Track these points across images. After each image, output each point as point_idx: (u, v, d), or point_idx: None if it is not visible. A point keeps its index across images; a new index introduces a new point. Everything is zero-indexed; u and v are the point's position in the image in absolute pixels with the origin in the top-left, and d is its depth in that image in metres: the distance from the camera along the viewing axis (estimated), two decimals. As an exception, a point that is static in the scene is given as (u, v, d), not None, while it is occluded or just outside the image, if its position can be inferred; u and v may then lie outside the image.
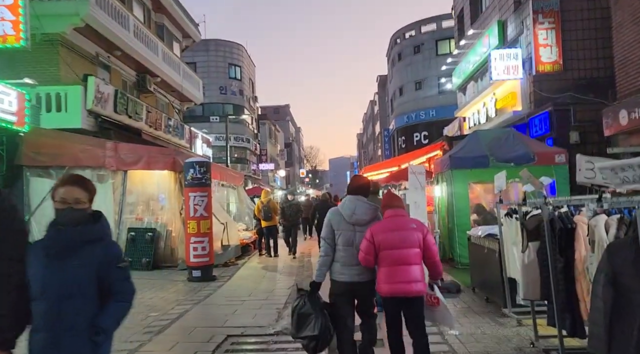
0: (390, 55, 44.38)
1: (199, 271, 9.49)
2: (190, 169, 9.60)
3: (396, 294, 3.82)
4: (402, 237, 3.85)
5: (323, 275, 4.10)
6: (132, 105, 14.47)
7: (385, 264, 3.85)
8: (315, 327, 3.90)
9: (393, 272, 3.82)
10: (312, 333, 3.89)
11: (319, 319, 3.91)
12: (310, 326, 3.91)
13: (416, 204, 7.90)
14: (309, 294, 4.06)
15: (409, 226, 3.95)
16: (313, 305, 3.97)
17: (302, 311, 3.99)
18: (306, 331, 3.93)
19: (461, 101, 22.16)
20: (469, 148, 10.26)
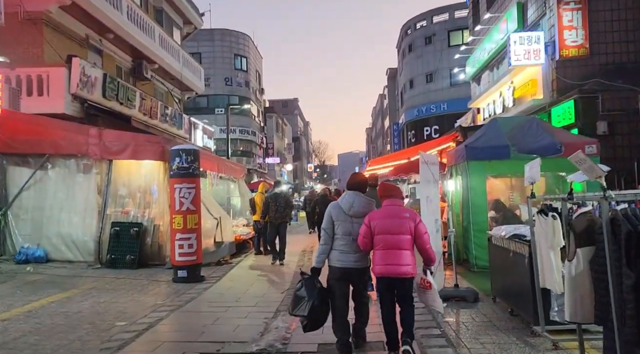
0: (401, 47, 43.15)
1: (184, 271, 8.55)
2: (176, 157, 8.64)
3: (388, 274, 4.30)
4: (396, 224, 4.33)
5: (322, 262, 4.59)
6: (123, 91, 13.54)
7: (379, 248, 4.32)
8: (305, 309, 4.37)
9: (386, 255, 4.29)
10: (303, 313, 4.39)
11: (309, 303, 4.36)
12: (302, 308, 4.39)
13: (428, 199, 6.88)
14: (308, 279, 4.52)
15: (402, 215, 4.42)
16: (308, 289, 4.43)
17: (298, 293, 4.50)
18: (299, 311, 4.42)
19: (475, 92, 21.02)
20: (487, 137, 9.19)
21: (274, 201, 10.74)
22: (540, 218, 4.69)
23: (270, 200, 10.79)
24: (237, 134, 39.00)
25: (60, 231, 10.23)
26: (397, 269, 4.27)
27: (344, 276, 4.49)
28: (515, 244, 5.39)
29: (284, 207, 10.84)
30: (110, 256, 9.91)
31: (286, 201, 11.05)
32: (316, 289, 4.45)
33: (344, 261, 4.45)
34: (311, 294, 4.41)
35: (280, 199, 10.83)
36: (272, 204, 10.72)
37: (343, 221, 4.51)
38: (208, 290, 7.88)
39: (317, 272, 4.56)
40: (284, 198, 11.01)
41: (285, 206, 10.91)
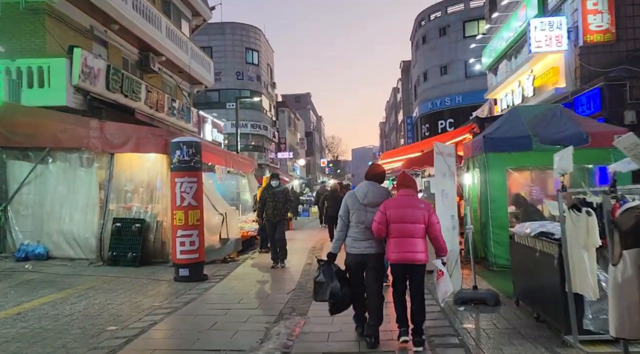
0: (415, 39, 42.30)
1: (186, 269, 8.14)
2: (177, 150, 8.21)
3: (402, 261, 4.50)
4: (411, 214, 4.50)
5: (338, 248, 4.85)
6: (128, 83, 13.18)
7: (394, 236, 4.51)
8: (326, 292, 4.64)
9: (401, 243, 4.48)
10: (325, 297, 4.66)
11: (329, 287, 4.62)
12: (323, 292, 4.66)
13: (444, 193, 6.35)
14: (324, 264, 4.77)
15: (417, 205, 4.60)
16: (326, 274, 4.69)
17: (317, 280, 4.75)
18: (321, 296, 4.69)
19: (491, 83, 20.29)
20: (507, 127, 8.60)
21: (272, 197, 9.53)
22: (572, 214, 4.15)
23: (267, 195, 9.59)
24: (249, 129, 38.65)
25: (61, 228, 9.91)
26: (411, 256, 4.49)
27: (359, 263, 4.72)
28: (542, 243, 4.85)
29: (282, 203, 9.58)
30: (111, 254, 9.56)
31: (285, 197, 9.75)
32: (333, 272, 4.72)
33: (357, 247, 4.70)
34: (330, 277, 4.69)
35: (278, 194, 9.60)
36: (269, 201, 9.54)
37: (357, 209, 4.72)
38: (210, 290, 7.46)
39: (333, 257, 4.82)
40: (283, 193, 9.75)
41: (284, 201, 9.64)
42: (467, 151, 9.64)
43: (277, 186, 9.77)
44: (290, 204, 10.00)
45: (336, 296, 4.64)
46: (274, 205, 9.51)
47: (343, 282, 4.69)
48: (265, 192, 9.72)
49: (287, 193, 10.08)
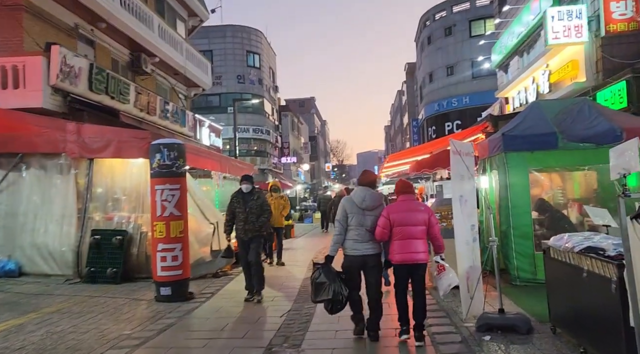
0: (420, 39, 41.39)
1: (168, 288, 7.20)
2: (157, 153, 7.29)
3: (406, 262, 4.87)
4: (412, 217, 4.88)
5: (336, 250, 5.04)
6: (114, 83, 12.29)
7: (397, 238, 4.86)
8: (329, 292, 4.84)
9: (404, 244, 4.84)
10: (327, 297, 4.86)
11: (331, 286, 4.84)
12: (325, 292, 4.85)
13: (462, 198, 5.38)
14: (324, 266, 4.97)
15: (418, 208, 4.99)
16: (327, 275, 4.91)
17: (318, 281, 4.92)
18: (322, 296, 4.90)
19: (502, 81, 19.32)
20: (528, 124, 7.62)
21: (242, 207, 7.20)
22: (636, 227, 3.18)
23: (237, 204, 7.27)
24: (251, 133, 37.84)
25: (35, 241, 9.02)
26: (414, 257, 4.83)
27: (359, 263, 4.96)
28: (591, 262, 3.87)
29: (257, 215, 7.19)
30: (89, 269, 8.64)
31: (261, 207, 7.28)
32: (334, 273, 4.93)
33: (358, 249, 4.93)
34: (332, 278, 4.89)
35: (250, 203, 7.19)
36: (239, 211, 7.20)
37: (356, 213, 4.97)
38: (192, 313, 6.51)
39: (331, 260, 5.01)
40: (257, 202, 7.27)
41: (258, 213, 7.21)
42: (483, 151, 8.66)
43: (248, 191, 7.32)
44: (268, 216, 7.40)
45: (337, 296, 4.86)
46: (245, 218, 7.14)
47: (342, 283, 4.94)
48: (233, 201, 7.35)
49: (263, 202, 7.41)
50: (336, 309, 4.97)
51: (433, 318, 5.64)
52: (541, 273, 7.17)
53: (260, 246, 7.52)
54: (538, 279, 7.13)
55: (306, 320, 5.92)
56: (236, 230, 7.30)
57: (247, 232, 7.18)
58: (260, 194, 7.61)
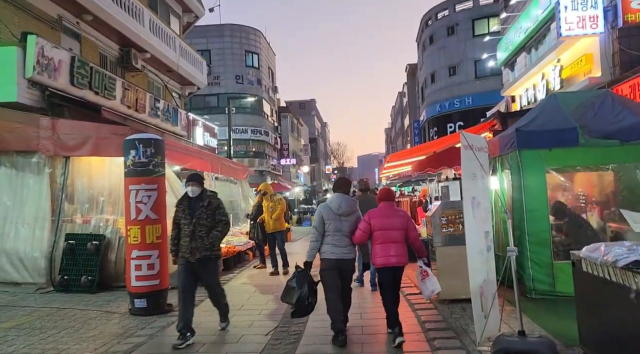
0: (421, 39, 40.66)
1: (143, 300, 6.45)
2: (131, 150, 6.57)
3: (387, 265, 5.06)
4: (392, 222, 5.12)
5: (313, 256, 5.22)
6: (98, 78, 11.58)
7: (378, 242, 5.09)
8: (293, 297, 4.95)
9: (385, 248, 5.06)
10: (291, 301, 4.99)
11: (297, 292, 4.95)
12: (290, 296, 4.99)
13: (474, 201, 4.63)
14: (301, 271, 5.11)
15: (397, 214, 5.24)
16: (299, 280, 5.01)
17: (289, 283, 5.09)
18: (286, 298, 5.07)
19: (508, 79, 18.59)
20: (545, 118, 6.87)
21: (188, 216, 5.35)
22: None
23: (182, 214, 5.42)
24: (249, 134, 37.10)
25: (4, 246, 8.30)
26: (394, 260, 5.02)
27: (336, 266, 5.11)
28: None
29: (208, 227, 5.34)
30: (62, 277, 7.91)
31: (213, 215, 5.41)
32: (306, 281, 5.00)
33: (337, 253, 5.10)
34: (301, 284, 4.96)
35: (199, 211, 5.34)
36: (184, 223, 5.35)
37: (333, 219, 5.15)
38: (167, 330, 5.77)
39: (309, 265, 5.14)
40: (209, 209, 5.40)
41: (210, 225, 5.37)
42: (493, 148, 7.87)
43: (196, 195, 5.42)
44: (223, 229, 5.47)
45: (301, 302, 4.93)
46: (192, 232, 5.25)
47: (312, 292, 4.99)
48: (177, 209, 5.50)
49: (217, 210, 5.45)
50: (297, 315, 5.09)
51: (441, 339, 4.90)
52: (561, 284, 6.45)
53: (216, 272, 5.71)
54: (557, 292, 6.40)
55: (294, 340, 5.18)
56: (180, 248, 5.37)
57: (193, 251, 5.24)
58: (213, 199, 5.47)
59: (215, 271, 5.77)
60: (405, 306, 6.51)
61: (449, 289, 6.48)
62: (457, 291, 6.43)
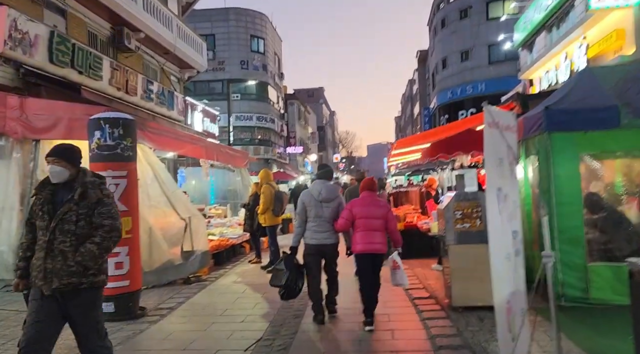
0: (432, 23, 39.30)
1: (110, 304, 5.60)
2: (96, 131, 5.68)
3: (366, 251, 5.24)
4: (372, 211, 5.26)
5: (298, 242, 5.46)
6: (82, 56, 10.72)
7: (359, 230, 5.24)
8: (282, 279, 5.18)
9: (364, 235, 5.22)
10: (280, 283, 5.21)
11: (286, 274, 5.19)
12: (279, 278, 5.22)
13: (500, 193, 3.68)
14: (288, 256, 5.36)
15: (378, 204, 5.39)
16: (287, 264, 5.27)
17: (277, 267, 5.38)
18: (276, 282, 5.29)
19: (525, 61, 17.45)
20: (579, 95, 5.87)
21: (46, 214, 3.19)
22: None
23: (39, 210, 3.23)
24: (254, 121, 36.20)
25: (-33, 239, 7.48)
26: (373, 247, 5.22)
27: (318, 251, 5.38)
28: None
29: (78, 235, 3.19)
30: (30, 274, 7.07)
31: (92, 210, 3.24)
32: (293, 263, 5.31)
33: (317, 238, 5.35)
34: (289, 266, 5.24)
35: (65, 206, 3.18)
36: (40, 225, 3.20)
37: (314, 206, 5.38)
38: (131, 342, 4.92)
39: (295, 250, 5.42)
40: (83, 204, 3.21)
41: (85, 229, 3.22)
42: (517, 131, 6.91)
43: (62, 179, 3.26)
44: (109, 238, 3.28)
45: (290, 284, 5.14)
46: (49, 241, 3.14)
47: (299, 275, 5.23)
48: (35, 201, 3.28)
49: (100, 203, 3.27)
50: (287, 297, 5.27)
51: (455, 361, 3.99)
52: (596, 290, 5.49)
53: (95, 318, 3.37)
54: (592, 299, 5.45)
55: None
56: (31, 268, 3.24)
57: (48, 276, 3.13)
58: (93, 187, 3.28)
59: (95, 316, 3.36)
60: (413, 314, 5.61)
61: (463, 294, 5.57)
62: (473, 297, 5.52)
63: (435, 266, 8.21)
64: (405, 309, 5.85)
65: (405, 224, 9.82)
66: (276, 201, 9.16)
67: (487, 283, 5.34)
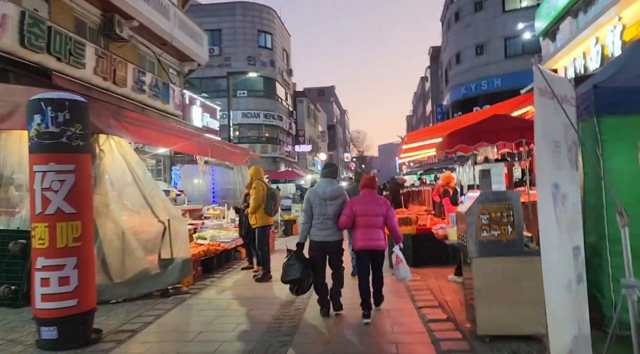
0: (446, 17, 37.94)
1: (53, 328, 4.55)
2: (35, 115, 4.63)
3: (366, 247, 5.43)
4: (372, 208, 5.43)
5: (304, 238, 5.62)
6: (60, 41, 9.74)
7: (359, 227, 5.43)
8: (297, 272, 5.37)
9: (364, 232, 5.41)
10: (295, 276, 5.37)
11: (300, 267, 5.39)
12: (294, 272, 5.38)
13: (557, 190, 2.54)
14: (295, 252, 5.53)
15: (378, 201, 5.52)
16: (297, 258, 5.47)
17: (288, 263, 5.49)
18: (291, 276, 5.40)
19: (548, 51, 16.17)
20: (635, 71, 4.70)
21: None
22: None
23: None
24: (262, 119, 35.20)
25: None
26: (373, 243, 5.40)
27: (321, 247, 5.52)
28: None
29: None
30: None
31: None
32: (302, 258, 5.48)
33: (321, 235, 5.49)
34: (300, 261, 5.44)
35: None
36: None
37: (318, 204, 5.51)
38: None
39: (301, 246, 5.56)
40: None
41: None
42: None
43: None
44: None
45: (303, 277, 5.36)
46: None
47: (308, 267, 5.44)
48: None
49: None
50: (300, 291, 5.42)
51: None
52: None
53: None
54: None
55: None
56: None
57: None
58: None
59: None
60: (427, 343, 4.48)
61: (490, 319, 4.43)
62: (503, 323, 4.39)
63: (451, 277, 7.07)
64: (418, 336, 4.72)
65: (418, 228, 8.68)
66: (269, 198, 8.07)
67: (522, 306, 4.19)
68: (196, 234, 9.59)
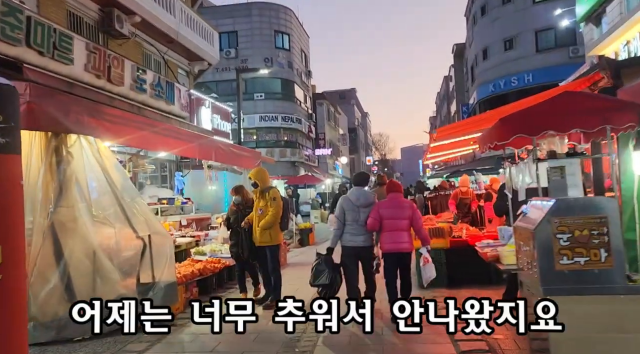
0: (471, 12, 36.23)
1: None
2: (-62, 102, 3.43)
3: (393, 251, 5.65)
4: (398, 212, 5.69)
5: (335, 243, 5.88)
6: (42, 32, 8.67)
7: (386, 230, 5.67)
8: (327, 278, 5.57)
9: (391, 235, 5.64)
10: (325, 282, 5.57)
11: (330, 273, 5.60)
12: (324, 278, 5.59)
13: None
14: (326, 256, 5.76)
15: (404, 205, 5.81)
16: (326, 264, 5.69)
17: (318, 267, 5.69)
18: (320, 281, 5.62)
19: (591, 37, 14.53)
20: None
21: None
22: None
23: None
24: (280, 122, 34.10)
25: None
26: (400, 246, 5.63)
27: (355, 253, 5.75)
28: None
29: None
30: None
31: None
32: (332, 264, 5.69)
33: (354, 241, 5.73)
34: (330, 266, 5.65)
35: None
36: None
37: (352, 210, 5.76)
38: None
39: (331, 251, 5.81)
40: None
41: None
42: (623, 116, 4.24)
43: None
44: None
45: (333, 282, 5.55)
46: None
47: (337, 273, 5.66)
48: None
49: None
50: (329, 295, 5.33)
51: None
52: None
53: None
54: None
55: None
56: None
57: None
58: None
59: None
60: None
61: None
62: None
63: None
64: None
65: (452, 240, 7.28)
66: (285, 211, 6.74)
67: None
68: (194, 249, 8.38)
